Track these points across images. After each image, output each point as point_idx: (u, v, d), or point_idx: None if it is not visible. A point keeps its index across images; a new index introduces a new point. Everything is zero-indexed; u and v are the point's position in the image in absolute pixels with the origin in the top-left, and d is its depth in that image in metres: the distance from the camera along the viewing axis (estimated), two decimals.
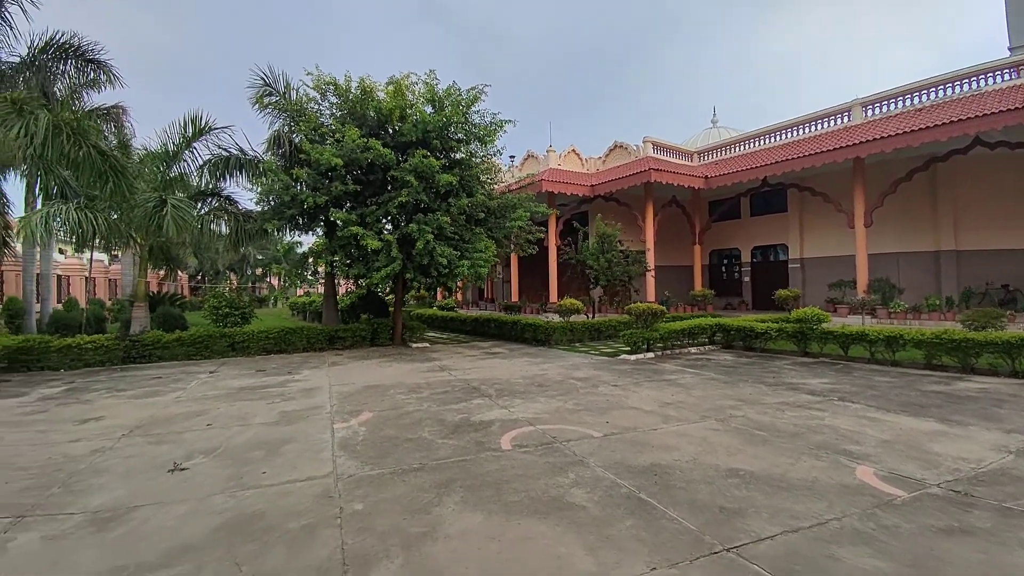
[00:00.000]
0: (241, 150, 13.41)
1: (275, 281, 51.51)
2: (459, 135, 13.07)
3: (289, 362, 11.52)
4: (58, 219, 9.93)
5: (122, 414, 6.86)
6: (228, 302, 12.63)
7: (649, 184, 19.47)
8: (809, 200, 20.46)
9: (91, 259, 16.36)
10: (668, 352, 12.17)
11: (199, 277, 43.52)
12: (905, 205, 17.94)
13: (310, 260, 13.02)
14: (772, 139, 21.14)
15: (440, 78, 12.90)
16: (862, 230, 17.10)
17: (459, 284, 18.31)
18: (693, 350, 12.68)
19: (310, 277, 11.77)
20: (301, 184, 11.89)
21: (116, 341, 11.05)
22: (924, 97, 17.22)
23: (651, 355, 11.76)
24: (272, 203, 12.21)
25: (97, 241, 11.53)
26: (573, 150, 22.56)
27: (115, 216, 11.28)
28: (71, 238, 10.82)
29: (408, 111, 12.61)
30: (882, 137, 15.10)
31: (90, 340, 10.77)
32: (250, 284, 47.22)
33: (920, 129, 14.41)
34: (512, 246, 14.87)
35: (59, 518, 3.69)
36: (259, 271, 48.29)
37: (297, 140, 12.71)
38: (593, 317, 15.92)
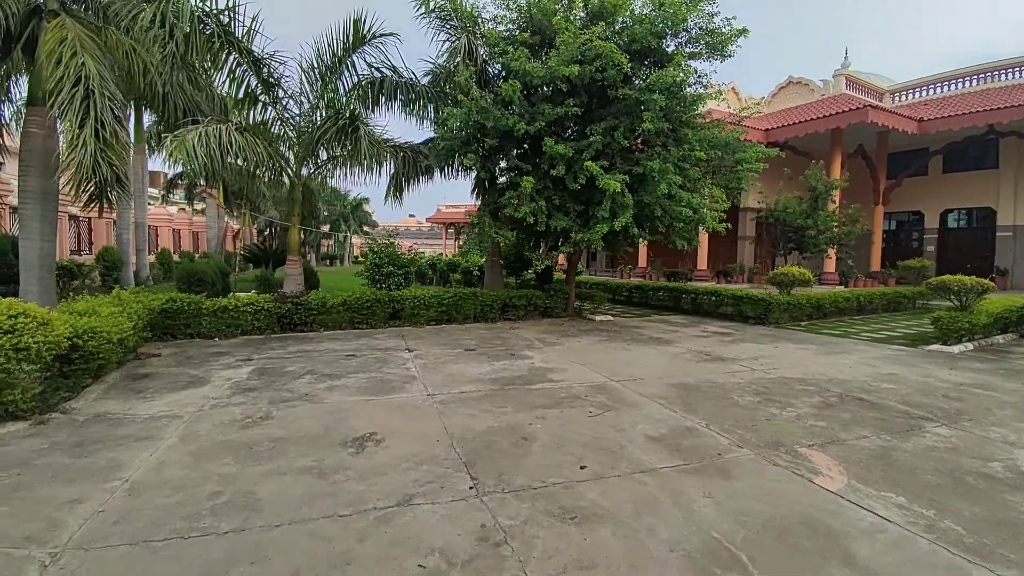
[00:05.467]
0: (395, 69, 10.57)
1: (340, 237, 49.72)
2: (687, 43, 9.84)
3: (479, 337, 8.98)
4: (213, 141, 7.37)
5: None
6: (390, 259, 10.08)
7: (838, 131, 15.78)
8: None
9: (245, 208, 14.15)
10: (981, 342, 9.04)
11: (268, 231, 41.92)
12: None
13: (485, 212, 10.17)
14: (996, 78, 16.99)
15: None
16: None
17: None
18: (999, 339, 9.50)
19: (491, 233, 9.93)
20: (501, 108, 8.95)
21: (277, 304, 8.68)
22: None
23: (969, 346, 8.68)
24: (463, 133, 9.34)
25: (257, 170, 8.97)
26: (733, 88, 18.84)
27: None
28: (225, 165, 8.33)
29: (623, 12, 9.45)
30: None
31: (248, 302, 8.42)
32: (318, 241, 45.50)
33: None
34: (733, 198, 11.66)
35: None
36: (326, 228, 46.55)
37: (483, 53, 9.73)
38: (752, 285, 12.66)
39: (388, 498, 3.12)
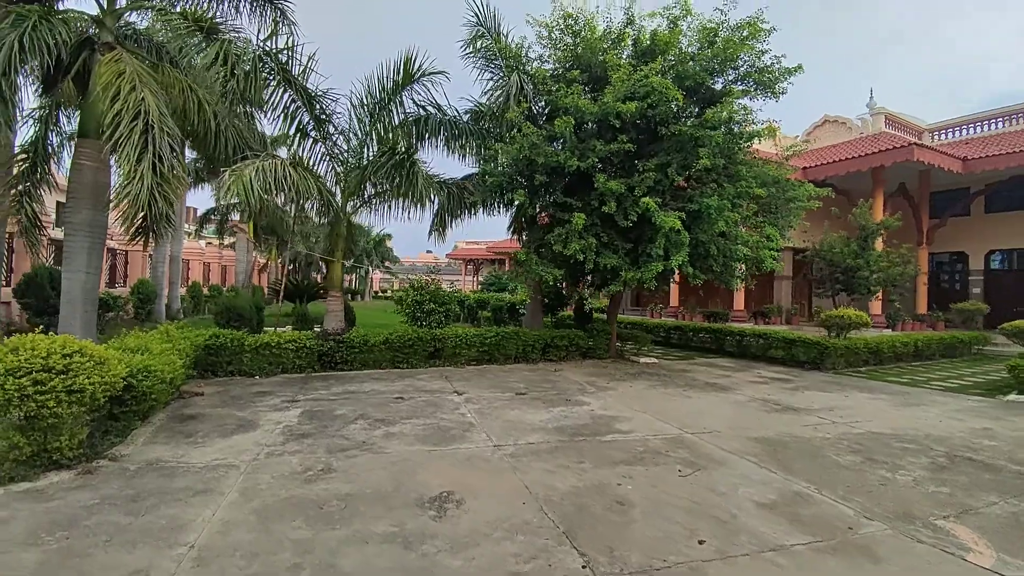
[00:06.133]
0: (439, 107, 10.60)
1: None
2: (735, 80, 9.73)
3: (525, 379, 8.55)
4: (269, 175, 7.30)
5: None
6: (431, 296, 9.82)
7: (880, 169, 15.44)
8: None
9: (273, 243, 14.18)
10: None
11: (292, 266, 42.33)
12: None
13: (531, 249, 9.89)
14: None
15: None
16: None
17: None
18: None
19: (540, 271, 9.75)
20: (555, 143, 8.85)
21: (319, 342, 8.42)
22: None
23: None
24: (510, 169, 9.23)
25: (307, 203, 8.89)
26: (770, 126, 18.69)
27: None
28: (276, 201, 8.27)
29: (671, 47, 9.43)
30: None
31: (290, 339, 8.17)
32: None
33: None
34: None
35: None
36: (348, 263, 46.85)
37: (530, 91, 9.70)
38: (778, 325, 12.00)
39: None
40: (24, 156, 8.71)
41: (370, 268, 47.32)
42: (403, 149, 8.16)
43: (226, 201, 6.30)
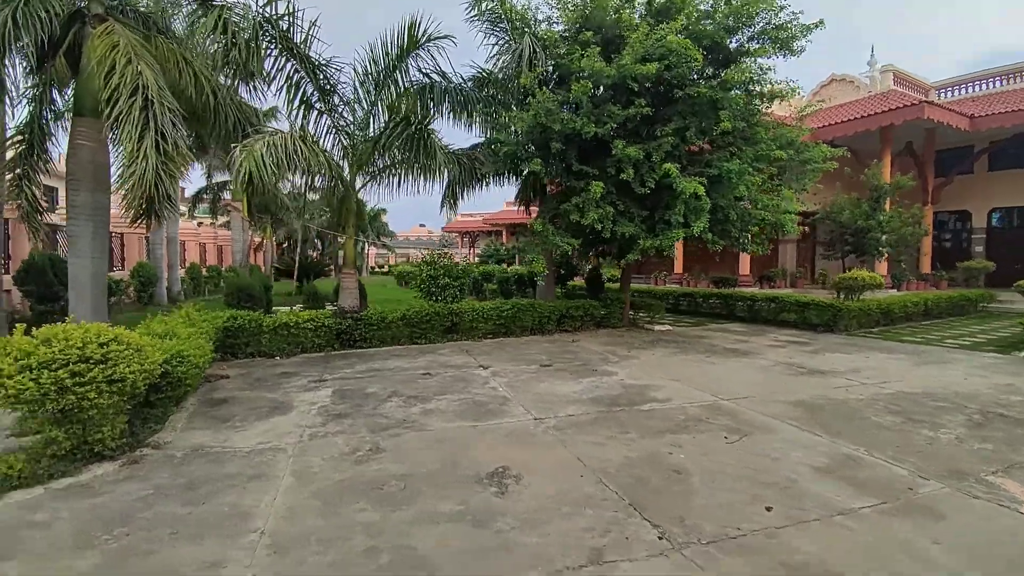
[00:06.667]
0: (444, 74, 10.22)
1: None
2: (750, 39, 9.43)
3: (545, 351, 8.54)
4: (280, 150, 7.04)
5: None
6: (446, 270, 9.71)
7: (889, 128, 15.22)
8: None
9: (267, 220, 13.83)
10: None
11: (287, 244, 41.76)
12: None
13: (546, 219, 9.71)
14: None
15: None
16: None
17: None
18: None
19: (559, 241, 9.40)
20: (566, 108, 8.59)
21: (337, 320, 8.32)
22: None
23: None
24: (523, 139, 8.98)
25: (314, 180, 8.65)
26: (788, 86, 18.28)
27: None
28: (286, 174, 8.03)
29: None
30: None
31: (308, 318, 8.06)
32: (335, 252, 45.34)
33: None
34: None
35: None
36: (341, 239, 46.36)
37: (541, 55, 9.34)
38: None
39: (574, 554, 2.69)
40: (20, 138, 8.35)
41: (366, 243, 46.83)
42: (416, 120, 7.87)
43: (241, 179, 5.83)
